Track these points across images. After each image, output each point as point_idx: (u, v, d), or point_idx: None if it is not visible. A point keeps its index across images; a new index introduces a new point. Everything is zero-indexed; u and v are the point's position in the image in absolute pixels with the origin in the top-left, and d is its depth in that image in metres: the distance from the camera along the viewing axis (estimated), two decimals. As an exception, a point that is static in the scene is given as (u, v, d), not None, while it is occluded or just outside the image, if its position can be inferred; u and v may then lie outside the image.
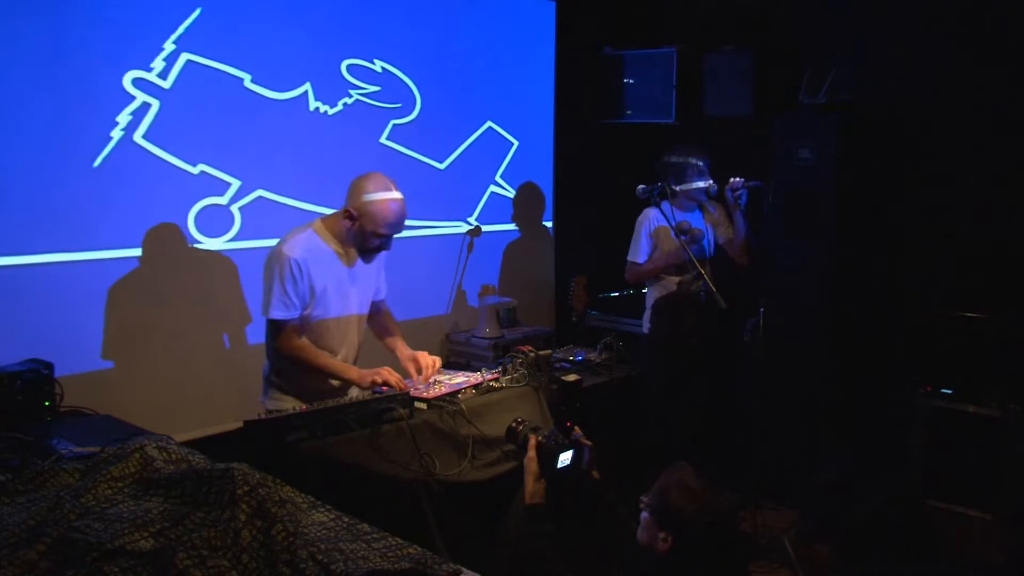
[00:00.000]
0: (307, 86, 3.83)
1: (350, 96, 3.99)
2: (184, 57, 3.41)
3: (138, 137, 3.32)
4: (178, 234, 3.50)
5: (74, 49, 3.12)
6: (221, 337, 3.69)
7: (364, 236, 2.83)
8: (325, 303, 2.88)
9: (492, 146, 4.77)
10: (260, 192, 3.73)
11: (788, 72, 4.42)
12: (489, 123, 4.72)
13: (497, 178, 4.82)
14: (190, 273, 3.54)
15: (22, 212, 3.07)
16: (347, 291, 2.95)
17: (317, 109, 3.88)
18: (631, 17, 5.17)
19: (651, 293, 4.09)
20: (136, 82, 3.29)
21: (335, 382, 2.95)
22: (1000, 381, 3.73)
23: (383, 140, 4.18)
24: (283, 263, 2.78)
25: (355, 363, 3.05)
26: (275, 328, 2.86)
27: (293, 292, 2.79)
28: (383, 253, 3.00)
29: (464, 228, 4.64)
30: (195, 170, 3.50)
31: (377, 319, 3.19)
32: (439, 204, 4.50)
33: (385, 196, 2.79)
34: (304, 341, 2.87)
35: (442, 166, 4.50)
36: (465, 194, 4.65)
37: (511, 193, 4.90)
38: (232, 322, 3.71)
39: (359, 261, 2.94)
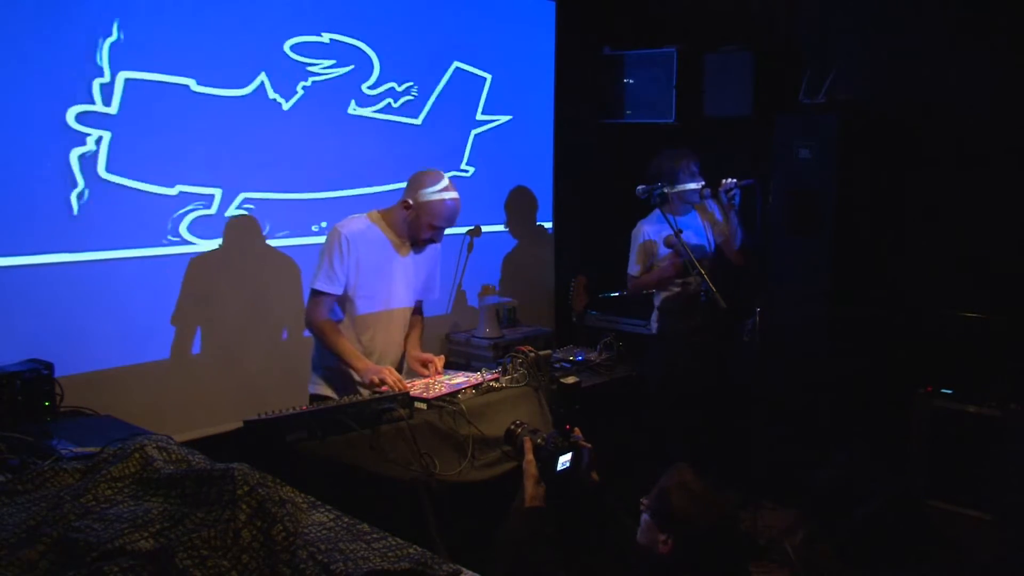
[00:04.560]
0: (262, 76, 3.66)
1: (307, 79, 3.83)
2: (122, 77, 3.24)
3: (103, 172, 3.23)
4: (176, 234, 3.50)
5: (10, 93, 2.99)
6: (221, 337, 3.69)
7: (419, 226, 2.98)
8: (371, 285, 2.99)
9: (464, 87, 4.60)
10: (244, 195, 3.67)
11: (788, 72, 4.42)
12: (456, 63, 4.52)
13: (478, 117, 4.71)
14: (190, 272, 3.54)
15: (21, 213, 3.08)
16: (394, 277, 3.06)
17: (276, 100, 3.74)
18: (631, 17, 5.16)
19: (658, 293, 4.09)
20: (80, 117, 3.15)
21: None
22: (1000, 381, 3.73)
23: (351, 111, 4.04)
24: (334, 238, 2.94)
25: (402, 354, 3.16)
26: (312, 299, 2.98)
27: (339, 267, 2.93)
28: (439, 256, 3.22)
29: (456, 173, 4.55)
30: (173, 191, 3.45)
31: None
32: (426, 158, 4.30)
33: (443, 195, 2.95)
34: (329, 321, 2.97)
35: (418, 120, 4.38)
36: (450, 142, 4.56)
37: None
38: (233, 321, 3.71)
39: (411, 254, 3.08)
